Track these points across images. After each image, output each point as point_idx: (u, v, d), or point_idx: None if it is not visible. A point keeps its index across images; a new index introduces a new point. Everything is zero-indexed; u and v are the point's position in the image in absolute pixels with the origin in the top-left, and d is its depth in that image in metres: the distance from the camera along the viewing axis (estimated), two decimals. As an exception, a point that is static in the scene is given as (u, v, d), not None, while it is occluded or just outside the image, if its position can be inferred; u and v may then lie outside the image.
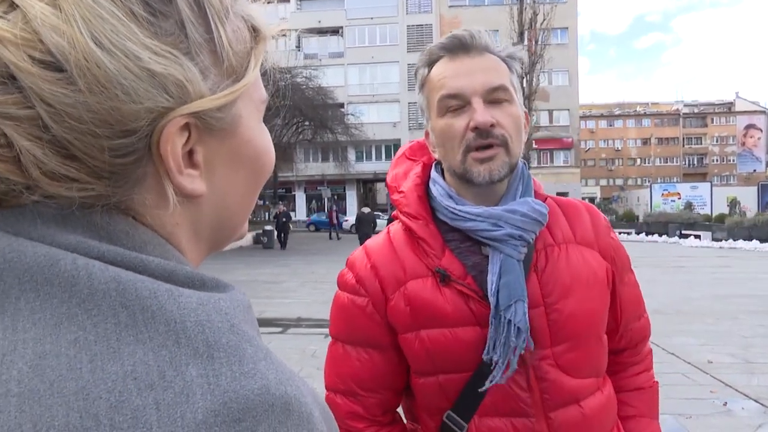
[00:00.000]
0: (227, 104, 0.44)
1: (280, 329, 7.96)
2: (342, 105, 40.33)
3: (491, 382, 1.02)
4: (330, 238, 30.62)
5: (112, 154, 0.38)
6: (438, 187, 1.11)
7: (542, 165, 45.50)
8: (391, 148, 44.75)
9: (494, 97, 1.04)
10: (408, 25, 45.06)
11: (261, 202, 33.73)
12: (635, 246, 24.38)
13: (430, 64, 1.10)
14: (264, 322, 8.43)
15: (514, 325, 1.01)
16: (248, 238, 26.62)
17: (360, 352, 1.12)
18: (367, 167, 43.53)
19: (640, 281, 1.27)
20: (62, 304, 0.35)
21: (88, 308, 0.36)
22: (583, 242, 1.13)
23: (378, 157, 45.16)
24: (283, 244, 24.01)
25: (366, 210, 20.37)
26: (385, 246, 1.14)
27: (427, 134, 1.16)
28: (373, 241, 1.18)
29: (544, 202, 1.12)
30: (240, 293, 0.44)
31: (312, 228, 39.53)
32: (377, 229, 17.90)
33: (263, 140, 0.50)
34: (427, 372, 1.08)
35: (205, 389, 0.35)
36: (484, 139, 1.02)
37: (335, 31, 46.11)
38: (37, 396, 0.32)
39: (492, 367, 1.03)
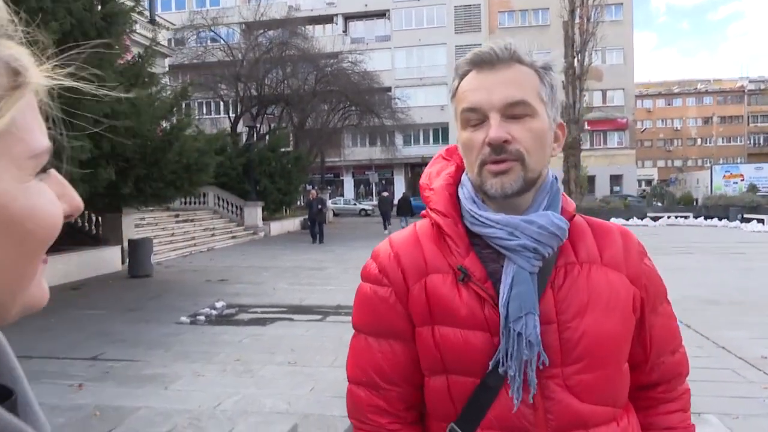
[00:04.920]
0: None
1: (319, 317, 8.03)
2: (389, 89, 40.13)
3: (510, 394, 1.02)
4: None
5: None
6: (465, 191, 1.12)
7: (595, 147, 44.20)
8: (438, 131, 44.35)
9: (513, 112, 1.03)
10: (455, 6, 44.31)
11: (310, 188, 34.08)
12: (692, 231, 23.49)
13: (461, 77, 1.12)
14: (304, 310, 8.53)
15: (525, 338, 1.00)
16: (296, 224, 26.93)
17: (382, 343, 1.12)
18: (415, 151, 43.26)
19: (691, 268, 1.20)
20: None
21: None
22: (610, 264, 1.10)
23: (426, 141, 44.85)
24: (319, 237, 19.84)
25: (385, 193, 26.40)
26: (410, 238, 1.15)
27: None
28: (398, 234, 1.19)
29: (572, 219, 1.11)
30: None
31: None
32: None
33: (27, 202, 0.43)
34: (437, 370, 1.08)
35: None
36: (498, 154, 1.03)
37: (382, 14, 45.79)
38: None
39: (508, 381, 1.02)
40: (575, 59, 30.92)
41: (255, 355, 6.05)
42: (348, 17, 46.59)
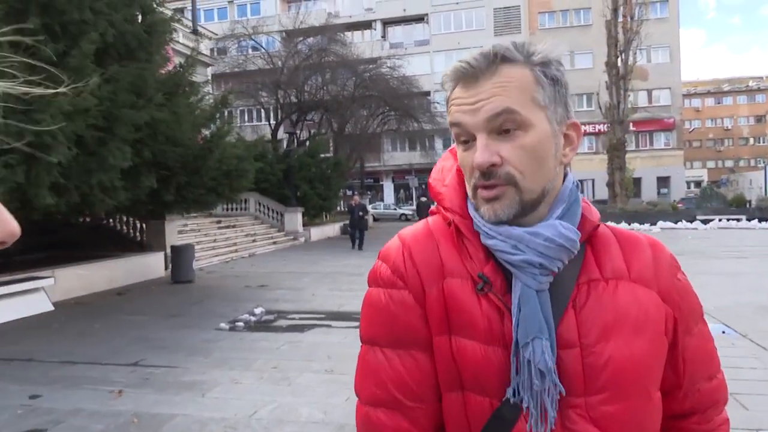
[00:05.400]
0: None
1: (357, 323, 7.91)
2: (428, 93, 40.01)
3: (529, 428, 0.92)
4: None
5: None
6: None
7: (641, 148, 43.04)
8: (478, 135, 43.98)
9: (499, 126, 0.92)
10: (495, 8, 43.91)
11: (350, 193, 34.18)
12: (746, 234, 22.52)
13: (450, 90, 1.01)
14: (343, 316, 8.46)
15: (534, 366, 0.89)
16: (335, 229, 27.01)
17: (403, 355, 0.98)
18: (455, 155, 43.05)
19: (746, 273, 1.03)
20: None
21: None
22: (639, 280, 0.98)
23: (465, 145, 44.56)
24: (359, 244, 19.60)
25: (423, 199, 23.86)
26: (423, 234, 1.04)
27: None
28: (409, 230, 1.07)
29: (596, 229, 1.01)
30: None
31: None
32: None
33: None
34: (454, 386, 0.97)
35: None
36: (487, 179, 0.94)
37: (420, 18, 45.73)
38: None
39: (524, 412, 0.92)
40: (619, 59, 30.19)
41: (292, 362, 6.01)
42: (386, 22, 46.69)
